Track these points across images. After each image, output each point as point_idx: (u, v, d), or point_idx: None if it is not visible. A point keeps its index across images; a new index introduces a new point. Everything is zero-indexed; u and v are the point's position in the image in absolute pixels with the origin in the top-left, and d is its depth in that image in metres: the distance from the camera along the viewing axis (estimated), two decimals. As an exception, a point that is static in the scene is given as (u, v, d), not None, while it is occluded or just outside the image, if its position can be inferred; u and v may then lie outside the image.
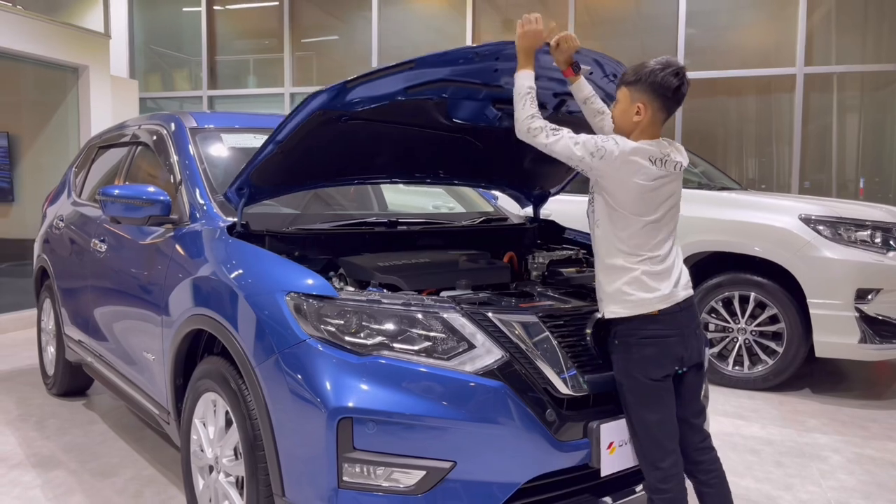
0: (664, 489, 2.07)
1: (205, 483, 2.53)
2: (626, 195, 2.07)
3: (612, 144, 2.06)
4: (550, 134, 2.11)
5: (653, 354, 2.08)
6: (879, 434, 3.92)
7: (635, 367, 2.09)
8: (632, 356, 2.10)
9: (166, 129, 3.35)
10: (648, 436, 2.09)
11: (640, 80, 2.11)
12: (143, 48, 11.02)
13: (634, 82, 2.12)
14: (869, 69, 8.10)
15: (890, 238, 4.51)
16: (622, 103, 2.15)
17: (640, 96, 2.11)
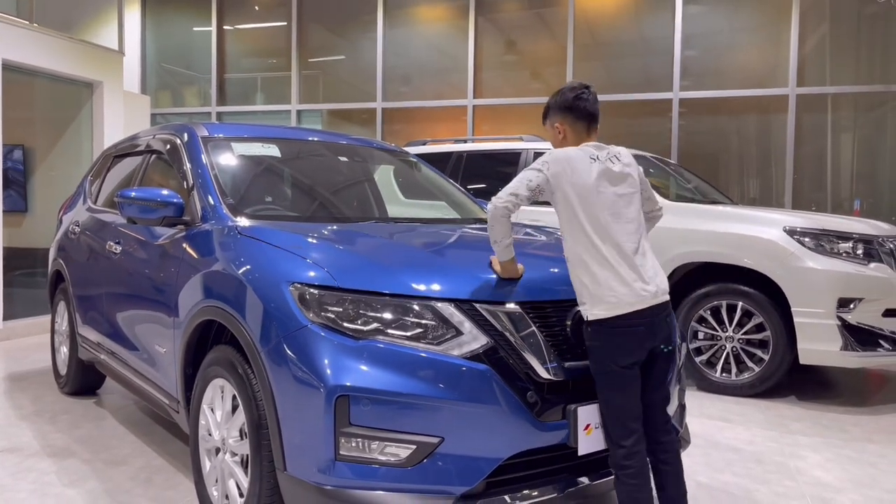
0: (627, 465, 2.25)
1: (211, 464, 2.70)
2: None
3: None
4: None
5: (623, 343, 2.27)
6: (859, 437, 4.07)
7: (607, 354, 2.27)
8: (604, 345, 2.28)
9: (179, 138, 3.56)
10: (613, 416, 2.28)
11: (550, 107, 2.50)
12: (154, 65, 11.34)
13: (547, 111, 2.51)
14: (861, 90, 8.31)
15: (871, 250, 4.68)
16: (550, 133, 2.51)
17: (554, 118, 2.48)
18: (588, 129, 2.44)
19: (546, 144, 6.24)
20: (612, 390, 2.28)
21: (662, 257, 5.09)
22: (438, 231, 3.20)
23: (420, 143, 7.11)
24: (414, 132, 9.83)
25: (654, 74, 8.96)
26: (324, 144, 4.03)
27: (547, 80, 9.52)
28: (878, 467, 3.57)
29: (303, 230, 2.80)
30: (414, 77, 10.19)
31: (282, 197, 3.57)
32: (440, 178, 4.22)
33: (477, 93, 9.57)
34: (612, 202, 2.32)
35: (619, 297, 2.25)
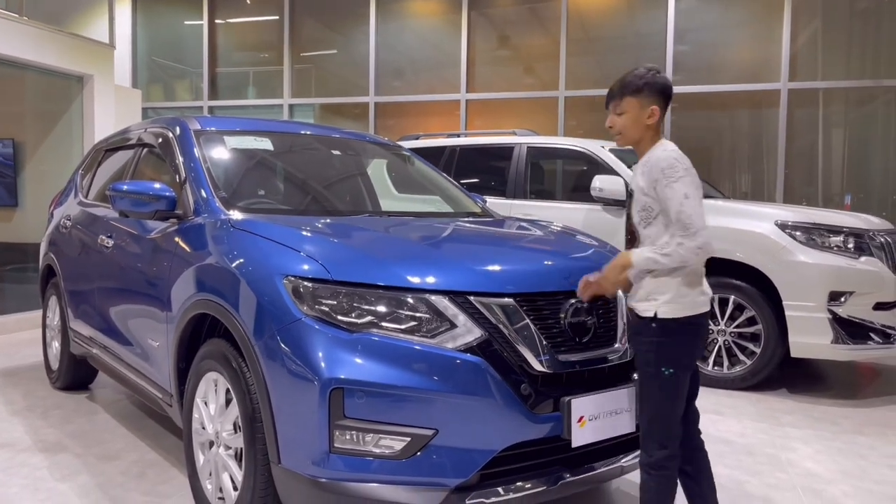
0: (667, 466, 2.22)
1: (205, 458, 2.70)
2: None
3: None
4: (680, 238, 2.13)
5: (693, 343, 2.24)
6: (850, 429, 4.10)
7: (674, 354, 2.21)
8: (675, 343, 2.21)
9: (171, 131, 3.55)
10: (664, 418, 2.22)
11: (647, 86, 2.26)
12: (145, 59, 11.27)
13: (641, 89, 2.26)
14: (852, 85, 8.35)
15: (862, 243, 4.71)
16: (632, 112, 2.27)
17: (651, 100, 2.26)
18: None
19: (539, 139, 6.25)
20: (667, 391, 2.21)
21: (655, 251, 5.11)
22: (432, 224, 3.20)
23: (413, 137, 7.11)
24: (407, 127, 9.82)
25: (646, 69, 8.96)
26: (316, 138, 4.02)
27: (540, 75, 9.53)
28: (868, 459, 3.60)
29: (296, 223, 2.80)
30: (407, 71, 10.17)
31: (274, 190, 3.56)
32: (434, 173, 4.21)
33: (470, 87, 9.57)
34: None
35: (698, 297, 2.22)
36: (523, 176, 6.07)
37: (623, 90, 2.29)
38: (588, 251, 2.90)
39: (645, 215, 2.26)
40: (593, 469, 2.39)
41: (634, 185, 2.31)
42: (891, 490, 3.20)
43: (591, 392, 2.35)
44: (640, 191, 2.26)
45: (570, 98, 9.11)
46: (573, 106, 9.16)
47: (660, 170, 2.17)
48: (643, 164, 2.27)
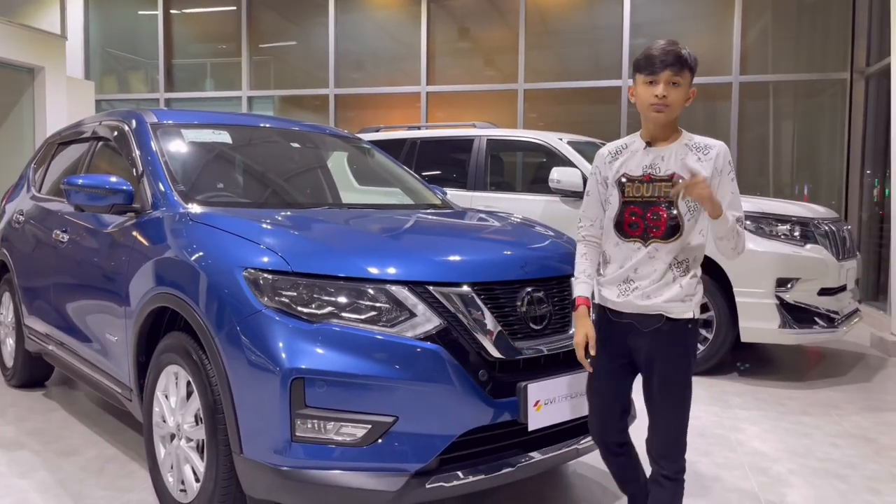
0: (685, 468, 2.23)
1: (166, 451, 2.71)
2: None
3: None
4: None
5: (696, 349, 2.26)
6: (795, 409, 4.27)
7: (693, 361, 2.18)
8: (687, 352, 2.16)
9: (127, 124, 3.52)
10: (687, 423, 2.21)
11: (696, 66, 2.11)
12: (98, 50, 11.03)
13: (694, 68, 2.10)
14: (801, 78, 8.61)
15: (808, 232, 4.89)
16: (685, 88, 2.08)
17: (692, 80, 2.12)
18: None
19: (498, 132, 6.33)
20: (690, 396, 2.19)
21: (611, 241, 5.23)
22: (392, 216, 3.24)
23: (373, 129, 7.11)
24: (367, 119, 9.81)
25: (604, 62, 9.12)
26: (276, 131, 4.02)
27: (500, 68, 9.61)
28: (813, 438, 3.77)
29: (255, 216, 2.81)
30: (367, 63, 10.16)
31: (233, 184, 3.56)
32: (394, 165, 4.25)
33: (430, 80, 9.60)
34: None
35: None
36: (483, 168, 6.14)
37: (684, 62, 2.07)
38: (545, 241, 2.97)
39: (694, 206, 2.06)
40: (550, 452, 2.47)
41: (679, 171, 2.06)
42: (834, 467, 3.36)
43: (547, 377, 2.43)
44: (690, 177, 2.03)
45: (529, 91, 9.21)
46: (532, 98, 9.27)
47: (727, 161, 2.08)
48: (700, 150, 2.08)
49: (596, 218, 2.25)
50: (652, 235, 2.08)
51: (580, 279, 2.25)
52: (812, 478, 3.23)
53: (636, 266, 2.11)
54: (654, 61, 2.06)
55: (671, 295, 2.07)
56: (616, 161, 2.18)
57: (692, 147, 2.10)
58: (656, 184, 2.10)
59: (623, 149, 2.19)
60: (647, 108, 2.08)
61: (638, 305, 2.10)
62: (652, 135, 2.14)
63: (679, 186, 2.00)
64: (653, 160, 2.12)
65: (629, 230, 2.13)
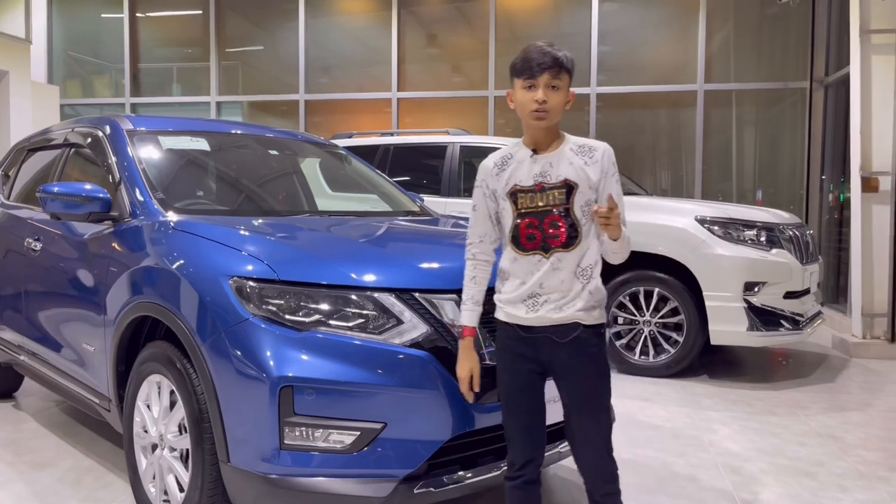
0: None
1: (148, 461, 2.68)
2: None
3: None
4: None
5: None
6: (763, 410, 4.39)
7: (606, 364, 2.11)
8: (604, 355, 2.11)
9: (101, 131, 3.48)
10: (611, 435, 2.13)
11: (574, 67, 2.04)
12: (62, 54, 10.82)
13: (572, 71, 2.03)
14: (763, 87, 8.85)
15: (773, 237, 5.04)
16: (564, 92, 2.01)
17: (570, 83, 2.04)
18: None
19: (471, 139, 6.39)
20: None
21: (584, 247, 5.32)
22: (374, 224, 3.26)
23: (346, 135, 7.11)
24: (337, 124, 9.80)
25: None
26: (253, 137, 4.01)
27: (470, 75, 9.68)
28: (781, 437, 3.88)
29: (238, 224, 2.81)
30: (337, 69, 10.14)
31: (212, 191, 3.54)
32: (370, 171, 4.26)
33: (401, 86, 9.62)
34: None
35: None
36: (457, 174, 6.19)
37: (562, 64, 1.99)
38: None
39: (588, 210, 2.02)
40: (533, 455, 2.50)
41: (571, 177, 2.01)
42: (803, 465, 3.47)
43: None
44: (588, 183, 2.01)
45: (499, 98, 9.29)
46: (502, 105, 9.35)
47: (612, 162, 2.05)
48: (586, 153, 2.04)
49: (485, 234, 2.14)
50: (552, 246, 2.00)
51: (467, 306, 2.15)
52: (783, 476, 3.33)
53: (541, 280, 2.01)
54: (531, 65, 1.98)
55: (583, 304, 2.01)
56: (504, 172, 2.07)
57: (578, 151, 2.05)
58: (549, 192, 2.02)
59: (509, 159, 2.08)
60: (528, 114, 2.00)
61: (553, 318, 2.01)
62: (536, 142, 2.05)
63: (596, 214, 1.92)
64: (542, 168, 2.03)
65: (527, 243, 2.03)
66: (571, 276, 2.01)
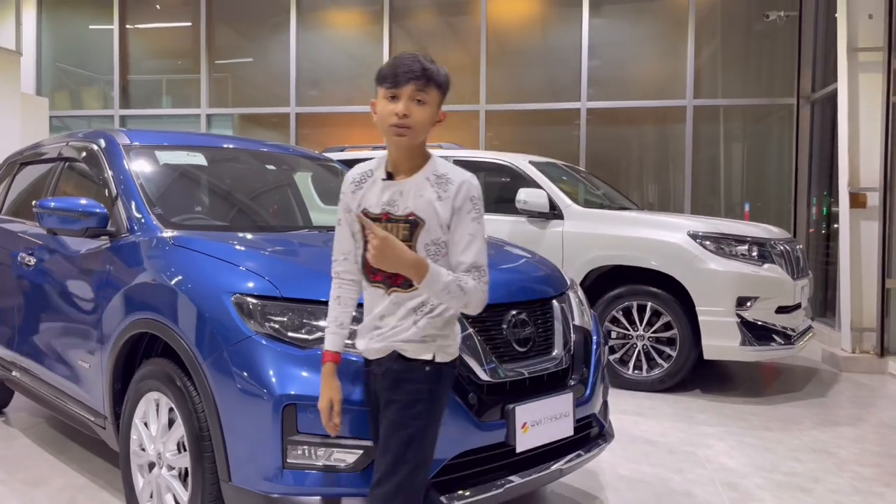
0: None
1: (145, 480, 2.65)
2: None
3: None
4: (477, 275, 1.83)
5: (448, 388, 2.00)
6: (758, 425, 4.41)
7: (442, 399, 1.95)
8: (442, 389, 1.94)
9: (97, 145, 3.46)
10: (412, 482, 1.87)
11: (448, 85, 1.88)
12: (51, 66, 10.76)
13: (446, 86, 1.88)
14: (750, 102, 8.96)
15: (765, 252, 5.08)
16: (432, 107, 1.84)
17: (442, 101, 1.89)
18: None
19: (464, 153, 6.41)
20: (432, 432, 1.91)
21: (577, 261, 5.35)
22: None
23: (338, 149, 7.11)
24: (327, 137, 9.79)
25: (563, 84, 9.32)
26: (249, 152, 4.00)
27: (460, 88, 9.72)
28: (776, 452, 3.90)
29: (237, 240, 2.80)
30: (328, 82, 10.15)
31: (210, 206, 3.53)
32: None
33: (392, 99, 9.63)
34: None
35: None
36: (449, 188, 6.19)
37: (431, 77, 1.81)
38: (524, 263, 3.03)
39: (435, 250, 1.81)
40: (536, 473, 2.50)
41: (417, 211, 1.81)
42: (799, 481, 3.48)
43: (533, 399, 2.47)
44: (437, 220, 1.79)
45: (490, 112, 9.34)
46: (492, 119, 9.40)
47: (469, 197, 1.80)
48: (441, 185, 1.80)
49: (348, 252, 1.97)
50: (392, 284, 1.83)
51: (330, 328, 1.99)
52: (779, 492, 3.34)
53: (382, 314, 1.87)
54: (397, 72, 1.79)
55: (407, 335, 1.84)
56: (359, 191, 1.90)
57: (434, 181, 1.81)
58: (394, 224, 1.81)
59: (367, 177, 1.90)
60: (388, 128, 1.80)
61: (377, 349, 1.90)
62: (395, 163, 1.85)
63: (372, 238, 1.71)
64: (391, 196, 1.83)
65: (371, 275, 1.87)
66: (411, 312, 1.84)
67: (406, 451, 1.83)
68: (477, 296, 1.81)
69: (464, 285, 1.78)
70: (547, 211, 5.52)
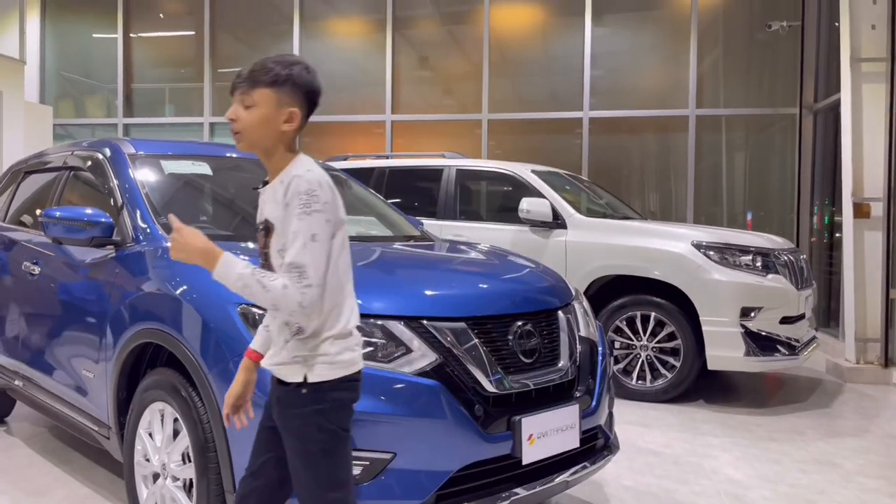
0: None
1: (149, 491, 2.64)
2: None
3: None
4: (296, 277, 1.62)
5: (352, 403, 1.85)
6: (763, 436, 4.39)
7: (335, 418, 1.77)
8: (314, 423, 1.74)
9: (102, 154, 3.46)
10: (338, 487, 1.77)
11: (291, 80, 1.75)
12: (54, 74, 10.79)
13: (282, 82, 1.73)
14: (753, 112, 8.97)
15: (769, 262, 5.07)
16: (264, 108, 1.72)
17: (292, 100, 1.75)
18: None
19: (467, 162, 6.41)
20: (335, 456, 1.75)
21: (580, 271, 5.34)
22: (376, 249, 3.25)
23: (341, 158, 7.12)
24: (328, 146, 9.80)
25: (565, 93, 9.34)
26: (253, 162, 3.98)
27: (464, 98, 9.74)
28: (782, 464, 3.88)
29: (244, 250, 2.79)
30: (331, 91, 10.13)
31: (215, 216, 3.53)
32: (369, 195, 4.26)
33: (395, 109, 9.66)
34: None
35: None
36: (453, 198, 6.20)
37: (256, 77, 1.73)
38: (529, 274, 3.03)
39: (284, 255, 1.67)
40: (541, 485, 2.49)
41: (269, 216, 1.72)
42: (805, 493, 3.46)
43: (540, 410, 2.46)
44: (281, 223, 1.68)
45: (493, 121, 9.35)
46: (495, 128, 9.41)
47: (297, 193, 1.64)
48: (282, 186, 1.68)
49: None
50: None
51: (260, 327, 1.95)
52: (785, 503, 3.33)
53: (268, 322, 1.86)
54: (234, 79, 1.76)
55: (280, 358, 1.74)
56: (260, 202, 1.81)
57: (279, 183, 1.70)
58: (258, 233, 1.77)
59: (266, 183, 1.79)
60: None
61: (265, 365, 1.82)
62: (269, 170, 1.77)
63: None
64: (260, 204, 1.78)
65: None
66: (282, 325, 1.73)
67: (315, 481, 1.72)
68: (287, 298, 1.61)
69: (266, 282, 1.61)
70: (550, 220, 5.52)
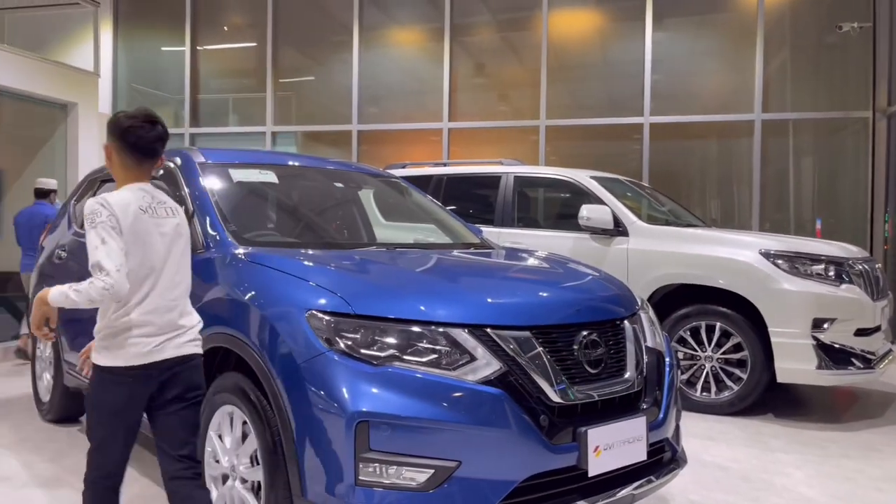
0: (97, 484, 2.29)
1: (218, 492, 2.70)
2: None
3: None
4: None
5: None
6: (837, 453, 4.21)
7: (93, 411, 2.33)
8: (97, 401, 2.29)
9: (173, 163, 3.57)
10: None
11: (109, 127, 2.29)
12: (125, 86, 11.23)
13: (109, 132, 2.29)
14: (821, 116, 8.66)
15: (842, 271, 4.88)
16: (106, 153, 2.34)
17: (111, 142, 2.28)
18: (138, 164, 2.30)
19: (525, 169, 6.39)
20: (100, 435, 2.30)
21: (642, 279, 5.24)
22: (439, 256, 3.27)
23: (400, 166, 7.18)
24: (387, 154, 9.91)
25: (623, 99, 9.22)
26: (317, 170, 4.07)
27: (521, 104, 9.71)
28: (857, 482, 3.71)
29: (310, 257, 2.84)
30: (389, 100, 10.29)
31: (281, 223, 3.60)
32: (429, 202, 4.28)
33: (452, 116, 9.70)
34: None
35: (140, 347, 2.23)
36: (511, 205, 6.17)
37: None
38: (594, 283, 2.98)
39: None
40: (606, 498, 2.44)
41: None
42: (882, 512, 3.31)
43: (606, 422, 2.42)
44: None
45: (550, 127, 9.29)
46: (552, 135, 9.35)
47: (84, 215, 2.18)
48: None
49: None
50: None
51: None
52: (863, 524, 3.18)
53: None
54: None
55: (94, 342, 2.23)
56: None
57: None
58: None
59: None
60: None
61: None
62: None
63: None
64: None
65: None
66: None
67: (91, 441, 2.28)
68: (92, 290, 2.06)
69: (78, 287, 2.08)
70: (611, 227, 5.43)
